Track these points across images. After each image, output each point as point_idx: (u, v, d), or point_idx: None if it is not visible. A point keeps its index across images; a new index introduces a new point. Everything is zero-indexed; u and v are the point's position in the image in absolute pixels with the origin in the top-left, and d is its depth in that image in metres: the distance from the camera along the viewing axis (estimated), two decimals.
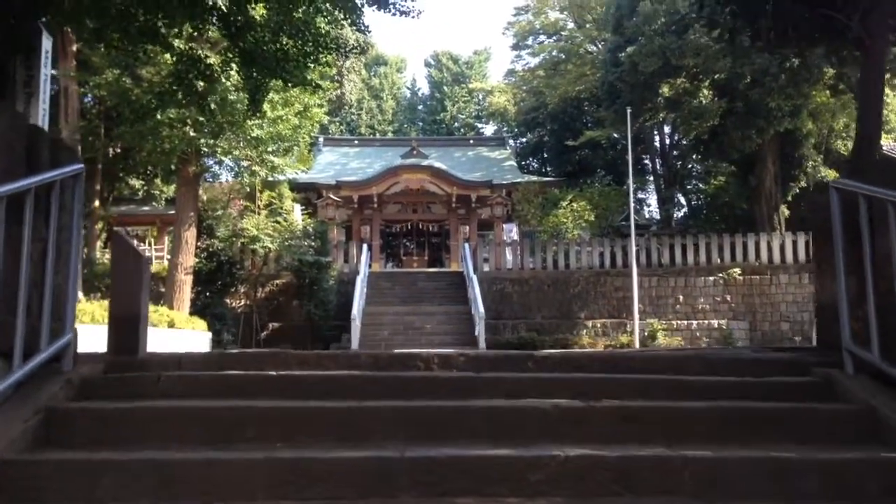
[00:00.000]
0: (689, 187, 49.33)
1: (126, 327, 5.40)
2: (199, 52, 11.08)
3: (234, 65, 11.69)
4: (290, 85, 12.05)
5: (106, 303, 22.72)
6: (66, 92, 23.66)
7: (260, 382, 3.82)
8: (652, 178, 47.81)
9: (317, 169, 40.02)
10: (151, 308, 22.07)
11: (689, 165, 47.31)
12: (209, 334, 24.06)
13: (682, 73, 28.33)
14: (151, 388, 4.12)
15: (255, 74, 11.48)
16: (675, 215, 43.88)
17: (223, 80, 17.24)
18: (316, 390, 3.82)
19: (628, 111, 27.10)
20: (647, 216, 45.66)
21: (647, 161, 51.20)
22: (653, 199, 52.45)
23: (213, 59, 12.07)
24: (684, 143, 44.86)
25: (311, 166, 38.52)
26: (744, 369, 4.66)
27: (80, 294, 23.16)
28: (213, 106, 21.71)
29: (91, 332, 20.60)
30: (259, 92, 11.72)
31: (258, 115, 15.37)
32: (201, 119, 22.18)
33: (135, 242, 32.43)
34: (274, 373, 3.88)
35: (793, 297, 27.47)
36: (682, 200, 48.40)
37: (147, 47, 11.10)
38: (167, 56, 18.39)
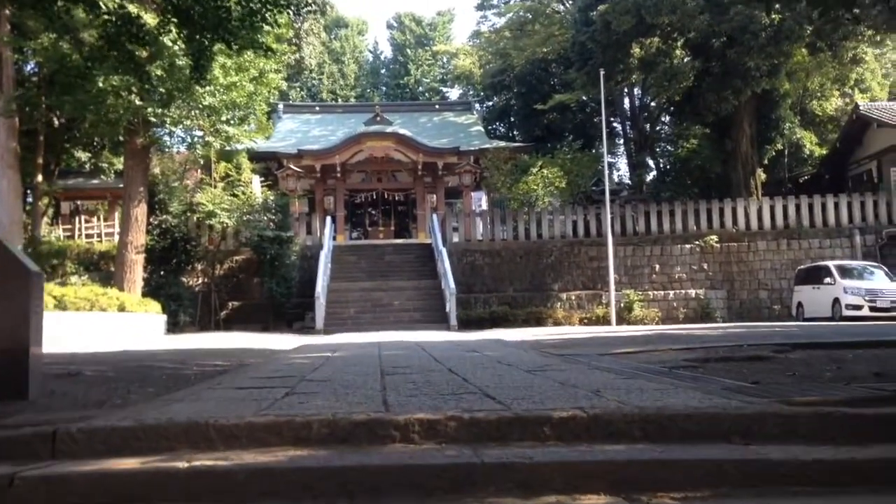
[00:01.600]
0: (658, 150, 48.44)
1: (5, 364, 4.14)
2: (131, 11, 9.67)
3: (172, 26, 10.24)
4: (236, 48, 10.64)
5: (50, 285, 21.22)
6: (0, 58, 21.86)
7: (161, 485, 2.60)
8: (622, 142, 46.75)
9: (277, 137, 38.36)
10: (100, 291, 20.64)
11: (659, 128, 46.39)
12: (163, 317, 22.67)
13: (657, 32, 27.14)
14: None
15: (196, 37, 10.08)
16: (646, 179, 42.90)
17: (166, 42, 15.72)
18: (247, 495, 2.62)
19: (601, 73, 25.90)
20: (616, 181, 44.66)
21: (616, 125, 50.16)
22: (622, 164, 51.55)
23: (148, 20, 10.65)
24: (654, 105, 43.94)
25: (270, 134, 36.90)
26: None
27: None
28: (158, 72, 20.27)
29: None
30: (202, 56, 10.31)
31: (205, 81, 13.90)
32: (147, 87, 20.57)
33: (83, 219, 30.87)
34: (184, 465, 2.67)
35: (770, 265, 26.70)
36: (651, 164, 47.52)
37: (69, 6, 9.62)
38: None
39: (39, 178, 25.95)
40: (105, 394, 4.78)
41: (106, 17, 9.20)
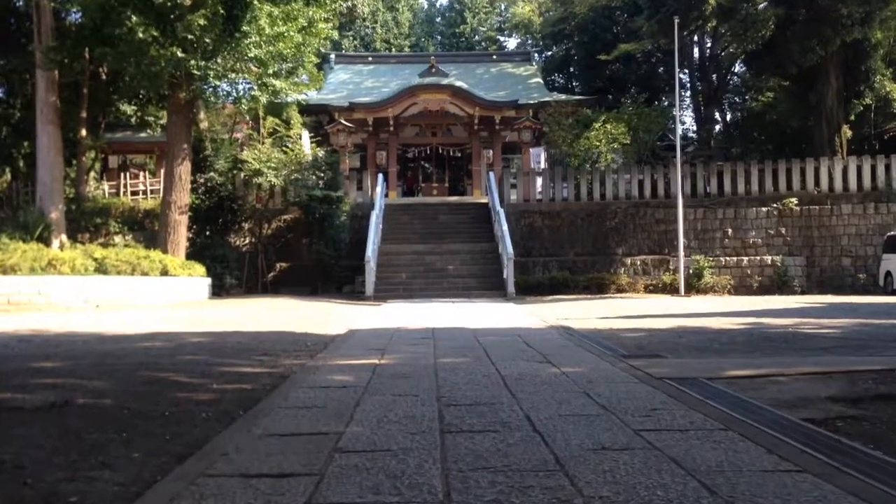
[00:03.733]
0: (727, 104, 45.92)
1: None
2: None
3: None
4: None
5: (91, 247, 20.42)
6: (38, 7, 20.80)
7: None
8: (688, 95, 44.28)
9: (328, 89, 37.02)
10: (142, 254, 19.79)
11: (729, 80, 43.81)
12: (208, 280, 21.84)
13: None
14: None
15: None
16: (714, 134, 40.65)
17: None
18: None
19: (675, 21, 23.83)
20: (682, 136, 42.38)
21: (682, 76, 47.56)
22: (688, 117, 49.10)
23: None
24: (724, 56, 41.38)
25: (321, 86, 35.48)
26: None
27: (64, 237, 20.85)
28: (200, 21, 18.99)
29: (70, 284, 18.36)
30: (237, 5, 8.97)
31: (239, 33, 12.57)
32: (182, 37, 19.32)
33: (129, 175, 30.07)
34: None
35: (855, 230, 24.67)
36: (719, 118, 45.07)
37: None
38: None
39: (84, 132, 25.07)
40: (67, 469, 3.55)
41: None
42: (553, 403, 4.83)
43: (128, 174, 30.07)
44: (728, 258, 24.53)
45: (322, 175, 24.74)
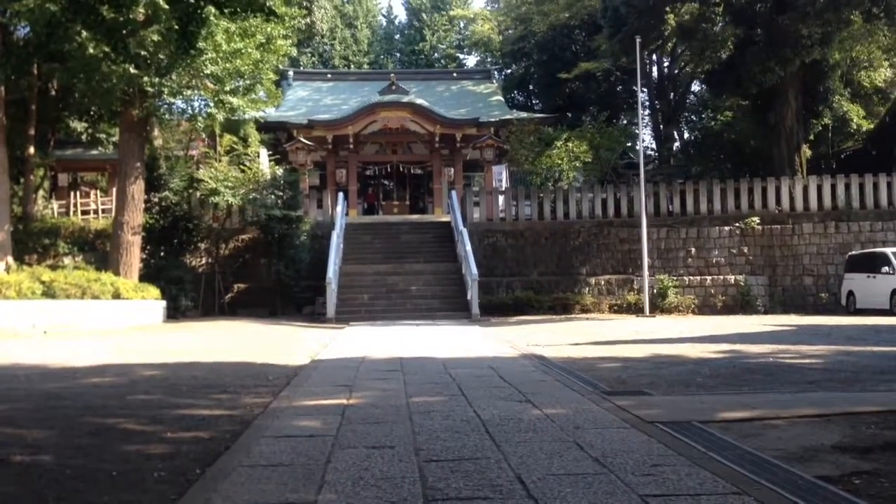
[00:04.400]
0: (686, 122, 46.28)
1: None
2: None
3: None
4: (229, 11, 8.76)
5: (39, 269, 19.57)
6: None
7: None
8: (648, 114, 44.53)
9: (286, 106, 36.37)
10: (93, 276, 19.02)
11: (687, 98, 44.19)
12: (163, 303, 21.08)
13: None
14: None
15: None
16: (673, 153, 40.88)
17: (161, 3, 13.83)
18: None
19: (637, 40, 23.79)
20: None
21: (641, 94, 47.98)
22: (647, 136, 49.38)
23: None
24: (682, 75, 41.72)
25: (279, 103, 34.90)
26: None
27: (10, 259, 19.97)
28: (154, 37, 18.41)
29: (15, 309, 17.51)
30: (192, 21, 8.48)
31: (195, 51, 12.02)
32: (130, 54, 18.66)
33: (80, 194, 29.12)
34: None
35: (816, 249, 24.79)
36: (677, 136, 45.35)
37: None
38: None
39: (31, 150, 24.15)
40: None
41: None
42: (543, 458, 4.41)
43: (78, 193, 29.10)
44: (692, 277, 24.48)
45: (281, 194, 24.15)
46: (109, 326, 18.24)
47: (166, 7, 11.89)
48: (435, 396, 6.87)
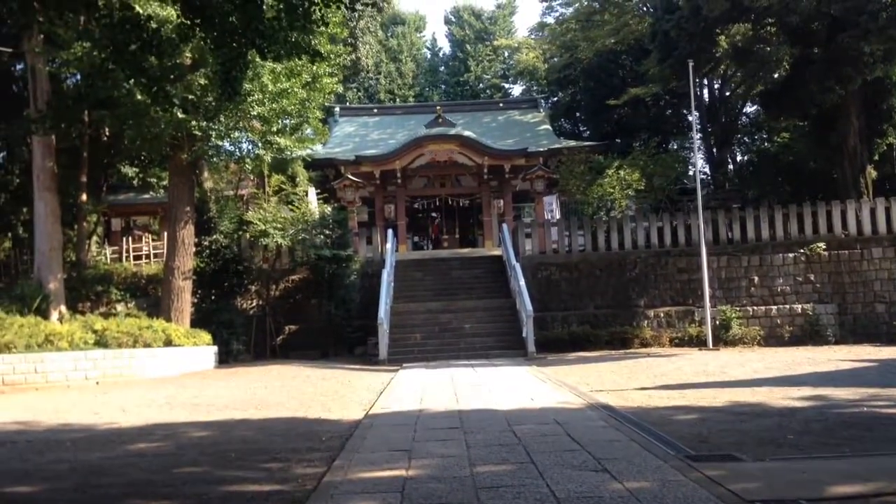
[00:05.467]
0: (738, 145, 45.19)
1: None
2: (138, 12, 7.61)
3: (196, 31, 8.09)
4: (271, 56, 8.43)
5: (91, 318, 19.49)
6: (33, 71, 20.18)
7: None
8: (700, 137, 43.51)
9: (333, 142, 36.43)
10: (144, 324, 18.88)
11: (740, 121, 43.13)
12: (214, 348, 20.87)
13: (751, 17, 24.21)
14: None
15: (228, 42, 7.93)
16: (729, 177, 39.79)
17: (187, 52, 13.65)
18: None
19: (689, 64, 23.09)
20: (693, 181, 41.59)
21: (691, 117, 47.03)
22: (699, 159, 48.28)
23: (164, 16, 8.57)
24: (734, 97, 40.76)
25: (326, 140, 34.92)
26: None
27: (63, 307, 19.95)
28: (202, 81, 18.40)
29: (68, 360, 17.40)
30: (234, 66, 8.16)
31: (238, 97, 11.75)
32: (191, 98, 18.70)
33: (132, 239, 29.29)
34: None
35: (888, 274, 23.58)
36: (730, 160, 44.24)
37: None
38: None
39: (84, 196, 24.32)
40: None
41: (104, 20, 7.11)
42: None
43: (131, 237, 29.27)
44: (756, 307, 23.48)
45: (330, 233, 23.87)
46: (161, 374, 18.04)
47: (211, 51, 11.64)
48: (501, 465, 6.30)
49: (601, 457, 6.39)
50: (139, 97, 17.50)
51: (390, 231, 27.10)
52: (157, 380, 17.29)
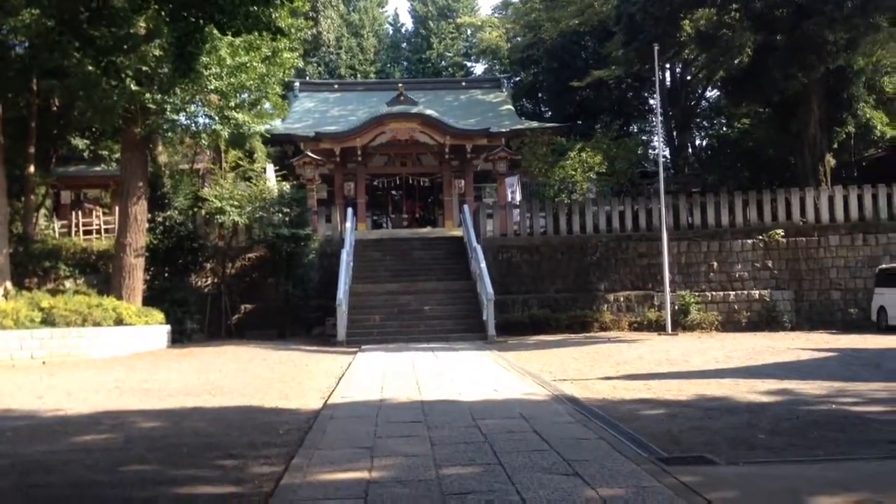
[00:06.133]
0: (696, 129, 45.39)
1: None
2: None
3: (151, 4, 7.61)
4: (229, 32, 7.98)
5: (38, 294, 18.81)
6: None
7: None
8: (661, 121, 43.58)
9: (293, 118, 35.67)
10: (94, 302, 18.27)
11: (699, 106, 43.28)
12: (167, 327, 20.35)
13: (716, 3, 24.10)
14: None
15: (183, 15, 7.47)
16: (689, 162, 39.97)
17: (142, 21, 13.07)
18: None
19: (655, 48, 22.96)
20: (654, 164, 41.72)
21: (651, 101, 47.10)
22: (660, 144, 48.43)
23: None
24: (695, 81, 40.86)
25: (286, 115, 34.21)
26: None
27: (9, 284, 19.21)
28: (156, 52, 17.74)
29: (14, 339, 16.74)
30: (190, 41, 7.70)
31: (193, 73, 11.20)
32: (144, 69, 18.02)
33: (83, 212, 28.40)
34: None
35: (844, 262, 23.86)
36: (690, 145, 44.41)
37: None
38: None
39: (32, 168, 23.44)
40: None
41: None
42: None
43: (81, 211, 28.35)
44: (714, 293, 23.59)
45: (288, 211, 23.37)
46: (111, 354, 17.50)
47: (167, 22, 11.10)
48: (468, 466, 6.04)
49: (572, 458, 6.17)
50: (90, 68, 16.81)
51: (350, 210, 26.66)
52: (107, 360, 16.76)
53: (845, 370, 11.69)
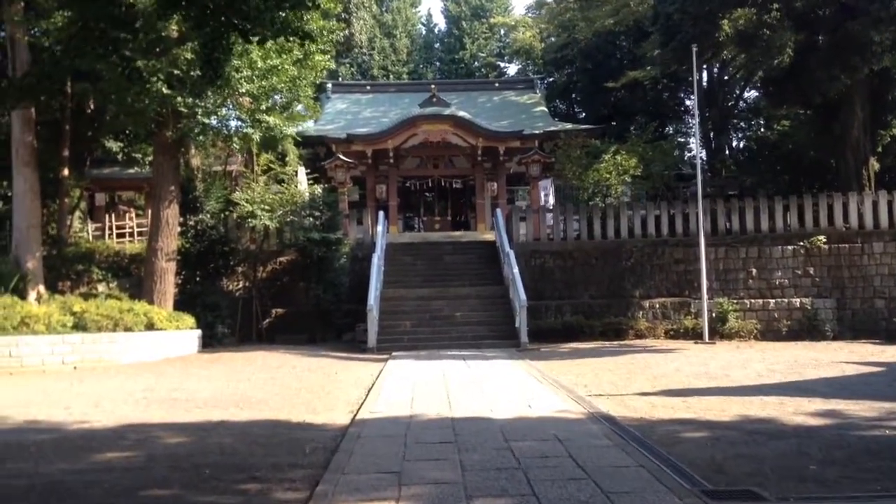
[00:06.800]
0: (735, 132, 44.59)
1: None
2: None
3: (176, 9, 7.41)
4: (254, 38, 7.75)
5: (70, 298, 18.82)
6: (12, 41, 19.36)
7: None
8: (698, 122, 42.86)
9: (325, 119, 35.63)
10: (126, 307, 18.22)
11: (740, 107, 42.52)
12: (197, 332, 20.27)
13: (758, 1, 23.47)
14: None
15: (209, 22, 7.26)
16: (727, 165, 39.21)
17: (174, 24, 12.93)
18: None
19: (693, 49, 22.46)
20: (692, 165, 41.01)
21: (688, 102, 46.35)
22: (694, 144, 47.69)
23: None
24: (732, 82, 40.14)
25: (318, 117, 34.13)
26: None
27: (41, 287, 19.26)
28: (188, 55, 17.64)
29: (45, 344, 16.72)
30: (217, 48, 7.49)
31: (221, 80, 11.00)
32: (176, 72, 17.95)
33: (116, 215, 28.51)
34: None
35: (888, 270, 23.15)
36: (726, 146, 43.60)
37: None
38: None
39: (66, 171, 23.52)
40: None
41: None
42: None
43: (115, 213, 28.46)
44: (753, 300, 23.01)
45: (319, 215, 23.20)
46: (142, 359, 17.45)
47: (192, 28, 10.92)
48: (500, 497, 5.74)
49: (610, 490, 5.84)
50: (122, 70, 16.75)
51: (381, 213, 26.46)
52: (137, 366, 16.70)
53: (894, 388, 11.19)
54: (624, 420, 8.97)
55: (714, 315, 22.21)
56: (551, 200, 29.76)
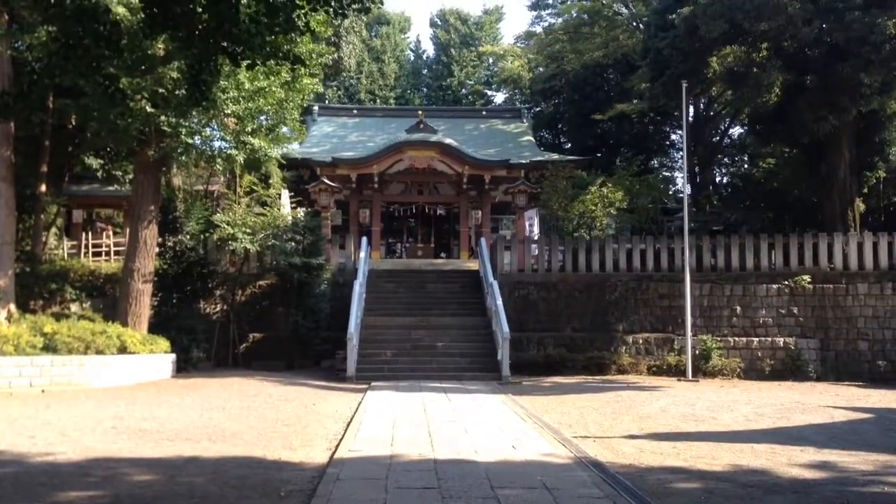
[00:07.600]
0: (720, 168, 44.79)
1: None
2: (96, 1, 6.64)
3: (161, 28, 7.11)
4: (244, 62, 7.47)
5: (41, 319, 18.28)
6: None
7: None
8: (683, 156, 43.03)
9: (311, 142, 35.37)
10: (98, 329, 17.72)
11: (722, 142, 42.70)
12: (172, 356, 19.77)
13: (747, 40, 23.55)
14: None
15: (197, 44, 6.97)
16: (712, 200, 39.24)
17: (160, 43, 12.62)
18: None
19: (683, 85, 22.41)
20: (678, 200, 41.04)
21: (673, 136, 46.59)
22: (680, 179, 47.82)
23: (123, 14, 7.59)
24: (716, 117, 40.34)
25: (303, 139, 33.87)
26: None
27: (13, 306, 18.70)
28: (173, 75, 17.33)
29: (13, 366, 16.16)
30: (204, 70, 7.19)
31: (207, 102, 10.69)
32: (161, 91, 17.62)
33: (92, 233, 27.97)
34: None
35: (872, 311, 23.04)
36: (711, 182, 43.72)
37: None
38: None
39: (43, 187, 23.03)
40: None
41: (53, 9, 6.12)
42: None
43: (92, 231, 27.93)
44: (737, 338, 22.82)
45: (301, 239, 22.84)
46: (114, 384, 16.98)
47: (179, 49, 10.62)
48: None
49: None
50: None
51: (364, 239, 26.11)
52: (109, 390, 16.21)
53: (886, 437, 10.95)
54: (612, 466, 8.65)
55: (697, 352, 21.99)
56: (536, 231, 29.58)
